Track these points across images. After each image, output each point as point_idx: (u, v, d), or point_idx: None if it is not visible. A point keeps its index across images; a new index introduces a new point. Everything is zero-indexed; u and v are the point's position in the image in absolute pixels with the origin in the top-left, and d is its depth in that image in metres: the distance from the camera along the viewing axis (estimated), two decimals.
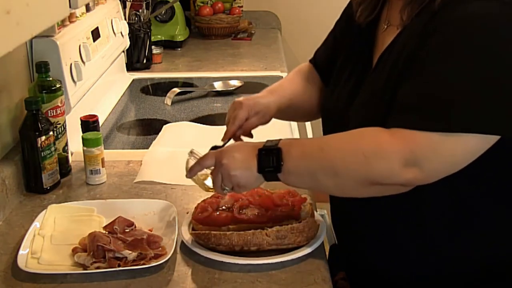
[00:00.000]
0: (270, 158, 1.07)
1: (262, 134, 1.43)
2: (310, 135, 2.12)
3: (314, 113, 1.39)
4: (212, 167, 1.16)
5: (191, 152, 1.24)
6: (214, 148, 1.23)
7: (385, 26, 1.19)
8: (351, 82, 1.22)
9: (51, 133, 1.42)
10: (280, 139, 1.10)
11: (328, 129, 1.32)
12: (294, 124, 1.79)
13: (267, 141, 1.11)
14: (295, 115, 1.42)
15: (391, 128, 1.02)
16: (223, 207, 1.24)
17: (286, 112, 1.36)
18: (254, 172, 1.09)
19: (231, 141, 1.29)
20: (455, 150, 1.00)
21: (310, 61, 1.46)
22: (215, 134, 1.78)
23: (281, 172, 1.07)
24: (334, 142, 1.07)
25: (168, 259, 1.14)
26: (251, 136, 1.33)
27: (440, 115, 0.99)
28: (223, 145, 1.26)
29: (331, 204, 1.31)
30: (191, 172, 1.19)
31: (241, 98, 1.31)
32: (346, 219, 1.27)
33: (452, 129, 0.98)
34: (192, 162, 1.22)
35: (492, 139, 1.01)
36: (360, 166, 1.02)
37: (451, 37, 1.01)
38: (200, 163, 1.17)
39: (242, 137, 1.31)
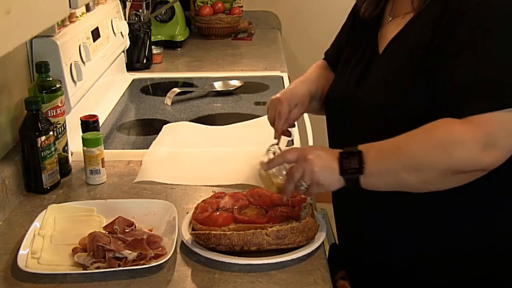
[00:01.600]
0: (352, 160, 1.09)
1: (263, 134, 1.44)
2: (309, 133, 2.12)
3: None
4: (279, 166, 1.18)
5: (269, 149, 1.27)
6: (272, 146, 1.30)
7: (390, 18, 1.23)
8: (358, 69, 1.26)
9: (51, 133, 1.42)
10: (357, 145, 1.11)
11: (334, 118, 1.34)
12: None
13: (344, 147, 1.12)
14: (320, 104, 1.44)
15: (461, 118, 1.04)
16: (223, 207, 1.24)
17: (315, 99, 1.40)
18: (336, 173, 1.10)
19: (283, 138, 1.37)
20: None
21: (324, 58, 1.52)
22: (215, 134, 1.79)
23: (363, 173, 1.08)
24: (409, 139, 1.08)
25: (168, 259, 1.14)
26: (293, 125, 1.39)
27: (501, 93, 1.03)
28: (278, 142, 1.33)
29: (333, 201, 1.32)
30: (270, 164, 1.19)
31: (277, 94, 1.37)
32: (348, 216, 1.27)
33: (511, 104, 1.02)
34: (267, 157, 1.22)
35: None
36: (441, 158, 1.04)
37: (483, 18, 1.05)
38: (283, 156, 1.17)
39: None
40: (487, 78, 1.04)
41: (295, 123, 1.42)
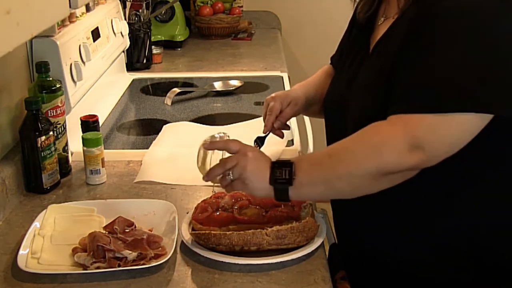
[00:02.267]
0: (283, 170, 1.10)
1: (259, 133, 1.44)
2: (309, 133, 2.13)
3: None
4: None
5: (212, 136, 1.31)
6: (258, 138, 1.40)
7: (382, 19, 1.23)
8: (350, 70, 1.27)
9: (51, 133, 1.42)
10: (290, 158, 1.13)
11: (330, 118, 1.36)
12: (293, 122, 1.79)
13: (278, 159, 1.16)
14: (319, 108, 1.46)
15: (390, 117, 1.05)
16: (223, 207, 1.24)
17: (314, 103, 1.44)
18: (265, 181, 1.11)
19: (273, 136, 1.43)
20: (452, 129, 1.03)
21: (330, 62, 1.54)
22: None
23: (292, 185, 1.09)
24: (339, 146, 1.10)
25: (168, 259, 1.14)
26: (287, 127, 1.43)
27: (432, 97, 1.02)
28: (265, 136, 1.42)
29: (331, 201, 1.32)
30: (212, 145, 1.22)
31: (273, 94, 1.44)
32: (345, 216, 1.27)
33: (445, 109, 1.01)
34: (216, 139, 1.28)
35: (486, 117, 1.03)
36: (370, 160, 1.05)
37: (433, 24, 1.05)
38: (227, 143, 1.19)
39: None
40: (424, 80, 1.03)
41: (290, 125, 1.45)
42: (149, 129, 1.88)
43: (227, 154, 1.19)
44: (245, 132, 1.78)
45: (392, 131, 1.04)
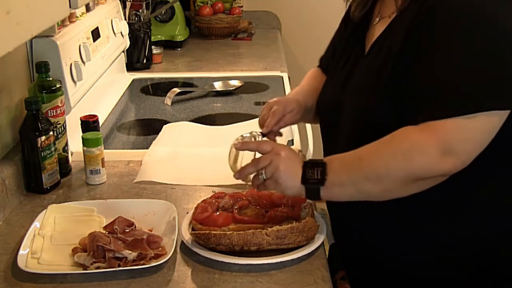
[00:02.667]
0: (315, 170, 1.10)
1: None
2: (309, 133, 2.12)
3: None
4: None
5: (254, 132, 1.30)
6: (262, 133, 1.34)
7: (378, 19, 1.23)
8: (345, 70, 1.27)
9: (51, 133, 1.42)
10: (322, 158, 1.14)
11: (324, 119, 1.35)
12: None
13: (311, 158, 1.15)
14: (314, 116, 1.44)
15: (419, 124, 1.05)
16: (223, 207, 1.24)
17: (311, 112, 1.42)
18: (297, 180, 1.12)
19: (264, 139, 1.36)
20: (480, 129, 1.04)
21: (318, 65, 1.52)
22: (215, 134, 1.79)
23: (324, 185, 1.09)
24: (370, 150, 1.10)
25: (168, 259, 1.14)
26: (280, 134, 1.39)
27: (460, 99, 1.03)
28: (264, 136, 1.35)
29: (327, 201, 1.32)
30: (244, 145, 1.21)
31: (274, 99, 1.39)
32: (342, 216, 1.27)
33: (471, 110, 1.02)
34: (247, 139, 1.26)
35: (505, 114, 1.05)
36: (401, 166, 1.05)
37: (449, 25, 1.05)
38: (260, 144, 1.19)
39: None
40: (446, 84, 1.04)
41: (282, 132, 1.41)
42: (149, 129, 1.88)
43: (258, 154, 1.19)
44: (245, 132, 1.78)
45: (423, 137, 1.04)
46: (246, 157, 1.24)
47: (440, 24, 1.06)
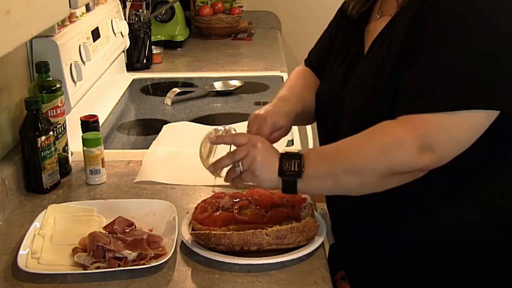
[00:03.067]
0: (292, 162, 1.09)
1: None
2: (309, 133, 2.13)
3: None
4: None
5: (229, 127, 1.25)
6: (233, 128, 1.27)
7: (378, 16, 1.22)
8: (342, 69, 1.26)
9: (51, 133, 1.42)
10: (299, 150, 1.14)
11: (322, 118, 1.34)
12: None
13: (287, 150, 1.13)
14: (306, 118, 1.40)
15: (400, 117, 1.05)
16: (223, 207, 1.24)
17: (300, 119, 1.37)
18: (274, 172, 1.11)
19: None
20: (462, 127, 1.03)
21: (306, 63, 1.48)
22: None
23: (301, 177, 1.09)
24: (349, 143, 1.10)
25: (168, 259, 1.14)
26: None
27: (443, 96, 1.02)
28: None
29: (327, 201, 1.32)
30: (219, 139, 1.19)
31: (262, 112, 1.29)
32: (344, 213, 1.27)
33: (454, 107, 1.01)
34: (220, 132, 1.22)
35: (493, 114, 1.04)
36: (380, 160, 1.05)
37: (448, 23, 1.05)
38: (235, 137, 1.17)
39: None
40: (434, 80, 1.03)
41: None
42: (149, 129, 1.88)
43: (233, 148, 1.18)
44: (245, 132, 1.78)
45: (402, 131, 1.04)
46: (219, 151, 1.22)
47: (439, 22, 1.06)
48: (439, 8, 1.06)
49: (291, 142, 1.68)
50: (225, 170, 1.19)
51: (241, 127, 1.80)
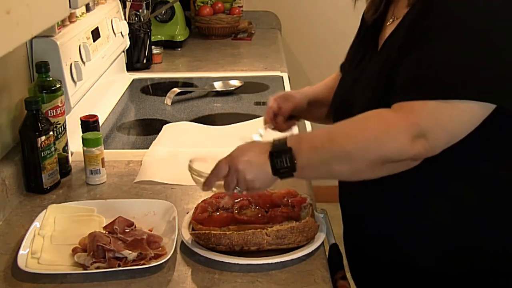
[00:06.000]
0: (283, 158, 1.08)
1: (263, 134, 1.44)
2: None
3: None
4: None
5: (191, 162, 1.23)
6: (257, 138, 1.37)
7: (391, 20, 1.22)
8: (357, 70, 1.27)
9: (51, 133, 1.42)
10: (286, 137, 1.11)
11: (337, 117, 1.32)
12: None
13: (274, 140, 1.11)
14: (322, 109, 1.46)
15: (393, 105, 1.05)
16: (223, 207, 1.24)
17: (319, 104, 1.45)
18: (269, 174, 1.10)
19: (269, 131, 1.42)
20: (453, 117, 1.03)
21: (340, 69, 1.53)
22: (215, 134, 1.79)
23: (296, 170, 1.08)
24: (341, 130, 1.10)
25: (168, 259, 1.14)
26: (292, 123, 1.47)
27: (434, 84, 1.02)
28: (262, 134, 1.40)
29: (340, 197, 1.32)
30: (208, 185, 1.16)
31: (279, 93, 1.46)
32: (353, 199, 1.27)
33: (447, 96, 1.01)
34: (196, 170, 1.20)
35: (488, 108, 1.04)
36: (372, 148, 1.05)
37: (443, 17, 1.05)
38: (215, 174, 1.14)
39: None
40: (427, 69, 1.04)
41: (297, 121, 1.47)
42: (149, 129, 1.88)
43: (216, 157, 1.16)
44: (245, 132, 1.78)
45: (395, 118, 1.04)
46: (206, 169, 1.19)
47: (432, 16, 1.06)
48: (433, 2, 1.07)
49: None
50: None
51: (248, 125, 1.81)
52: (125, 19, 2.33)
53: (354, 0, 1.30)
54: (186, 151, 1.64)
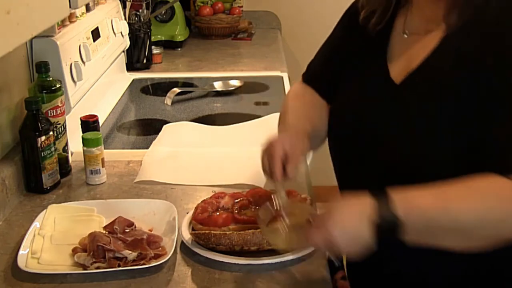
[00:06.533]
0: (391, 232, 0.94)
1: (263, 134, 1.43)
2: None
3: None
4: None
5: (269, 204, 1.12)
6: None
7: (405, 36, 1.13)
8: (370, 98, 1.15)
9: (51, 133, 1.42)
10: (393, 200, 0.94)
11: (342, 144, 1.22)
12: None
13: (379, 204, 0.94)
14: (318, 138, 1.27)
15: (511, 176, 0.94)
16: (223, 207, 1.24)
17: (312, 140, 1.23)
18: (367, 245, 0.95)
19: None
20: None
21: (304, 80, 1.38)
22: (215, 134, 1.79)
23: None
24: (458, 200, 0.95)
25: (168, 259, 1.14)
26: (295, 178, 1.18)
27: None
28: (279, 190, 1.14)
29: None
30: (300, 244, 1.07)
31: (281, 139, 1.15)
32: None
33: None
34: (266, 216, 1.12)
35: None
36: (496, 229, 0.95)
37: None
38: (310, 239, 0.99)
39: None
40: None
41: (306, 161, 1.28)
42: (149, 129, 1.88)
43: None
44: (246, 132, 1.78)
45: None
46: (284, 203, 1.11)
47: None
48: (505, 25, 0.97)
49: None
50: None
51: (248, 125, 1.80)
52: (125, 19, 2.33)
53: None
54: (186, 151, 1.65)
